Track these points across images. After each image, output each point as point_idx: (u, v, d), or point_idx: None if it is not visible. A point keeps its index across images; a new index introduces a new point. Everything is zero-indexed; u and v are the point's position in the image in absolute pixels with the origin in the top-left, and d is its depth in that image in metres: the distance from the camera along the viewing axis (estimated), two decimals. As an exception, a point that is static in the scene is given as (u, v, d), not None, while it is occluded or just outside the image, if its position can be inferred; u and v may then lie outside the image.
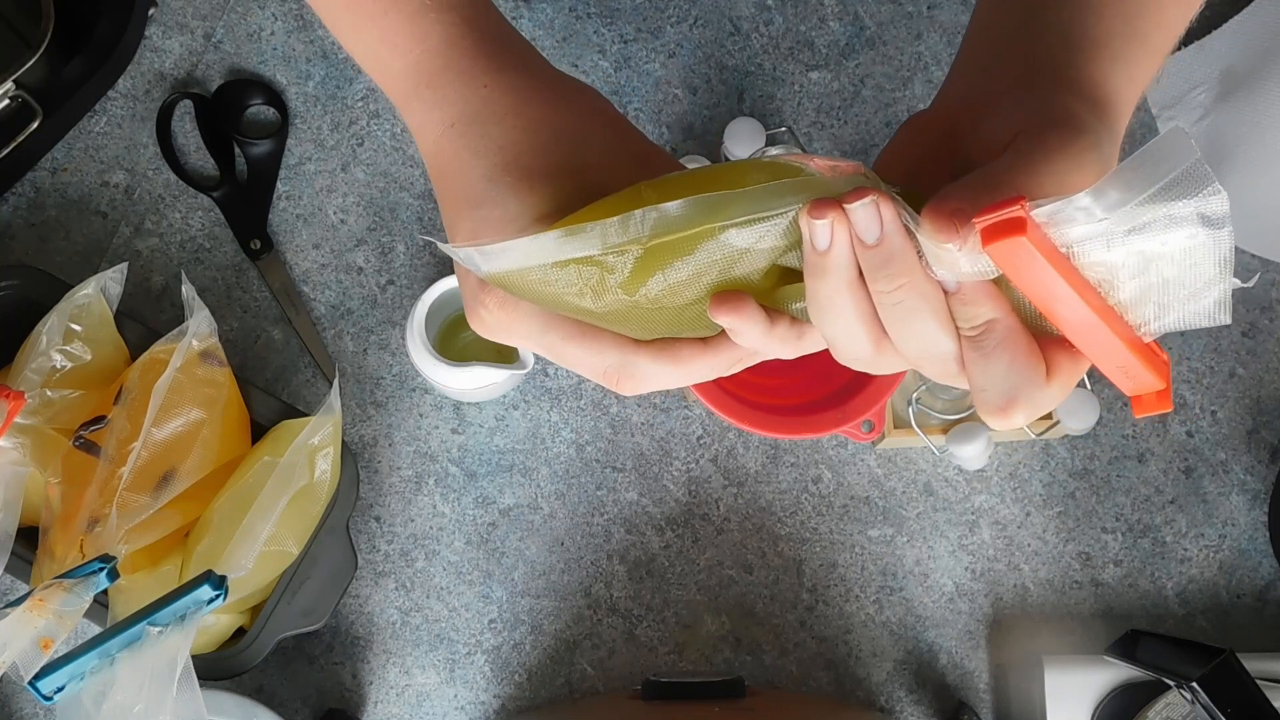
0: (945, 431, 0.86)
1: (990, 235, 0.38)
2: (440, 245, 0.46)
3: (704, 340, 0.47)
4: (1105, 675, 0.81)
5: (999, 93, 0.47)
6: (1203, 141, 0.93)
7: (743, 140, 0.88)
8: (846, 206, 0.41)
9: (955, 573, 0.90)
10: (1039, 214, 0.39)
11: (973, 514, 0.90)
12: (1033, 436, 0.87)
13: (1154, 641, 0.81)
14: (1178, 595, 0.90)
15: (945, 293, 0.42)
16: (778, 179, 0.42)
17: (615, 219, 0.43)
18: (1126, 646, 0.81)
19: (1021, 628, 0.89)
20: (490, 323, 0.48)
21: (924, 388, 0.86)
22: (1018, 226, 0.38)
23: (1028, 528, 0.90)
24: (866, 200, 0.41)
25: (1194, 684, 0.73)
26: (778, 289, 0.45)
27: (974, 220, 0.39)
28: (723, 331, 0.46)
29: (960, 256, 0.40)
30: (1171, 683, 0.76)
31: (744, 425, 0.81)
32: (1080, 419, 0.84)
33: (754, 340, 0.45)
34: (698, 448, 0.91)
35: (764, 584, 0.89)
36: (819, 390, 0.84)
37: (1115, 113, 0.46)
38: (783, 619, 0.89)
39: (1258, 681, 0.74)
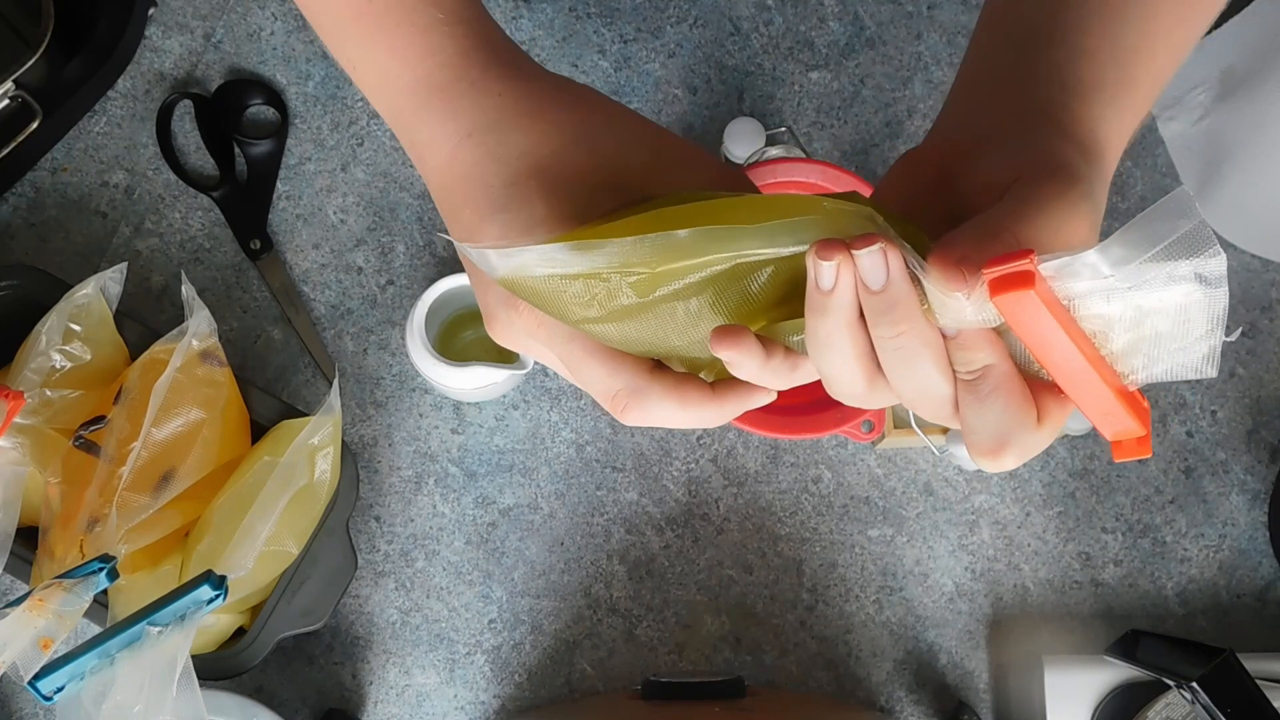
0: (945, 431, 0.86)
1: (999, 287, 0.39)
2: (458, 246, 0.46)
3: (712, 387, 0.48)
4: (1105, 675, 0.81)
5: (991, 133, 0.47)
6: (1203, 141, 0.93)
7: (743, 140, 0.88)
8: (854, 252, 0.41)
9: (955, 573, 0.90)
10: (1046, 268, 0.40)
11: (973, 514, 0.90)
12: (1033, 436, 0.87)
13: (1154, 641, 0.81)
14: (1178, 595, 0.90)
15: (944, 337, 0.43)
16: (793, 216, 0.42)
17: (629, 240, 0.43)
18: (1126, 646, 0.81)
19: (1021, 628, 0.89)
20: (518, 326, 0.48)
21: (924, 388, 0.86)
22: (1026, 280, 0.39)
23: (1028, 528, 0.90)
24: (874, 248, 0.41)
25: (1194, 684, 0.73)
26: (777, 322, 0.45)
27: (983, 271, 0.40)
28: (727, 378, 0.47)
29: (966, 305, 0.41)
30: (1171, 683, 0.76)
31: (744, 425, 0.81)
32: (1080, 419, 0.84)
33: (750, 372, 0.45)
34: (698, 448, 0.91)
35: (764, 584, 0.89)
36: (819, 390, 0.84)
37: (1105, 158, 0.47)
38: (783, 619, 0.89)
39: (1258, 681, 0.74)
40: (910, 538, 0.90)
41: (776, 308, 0.45)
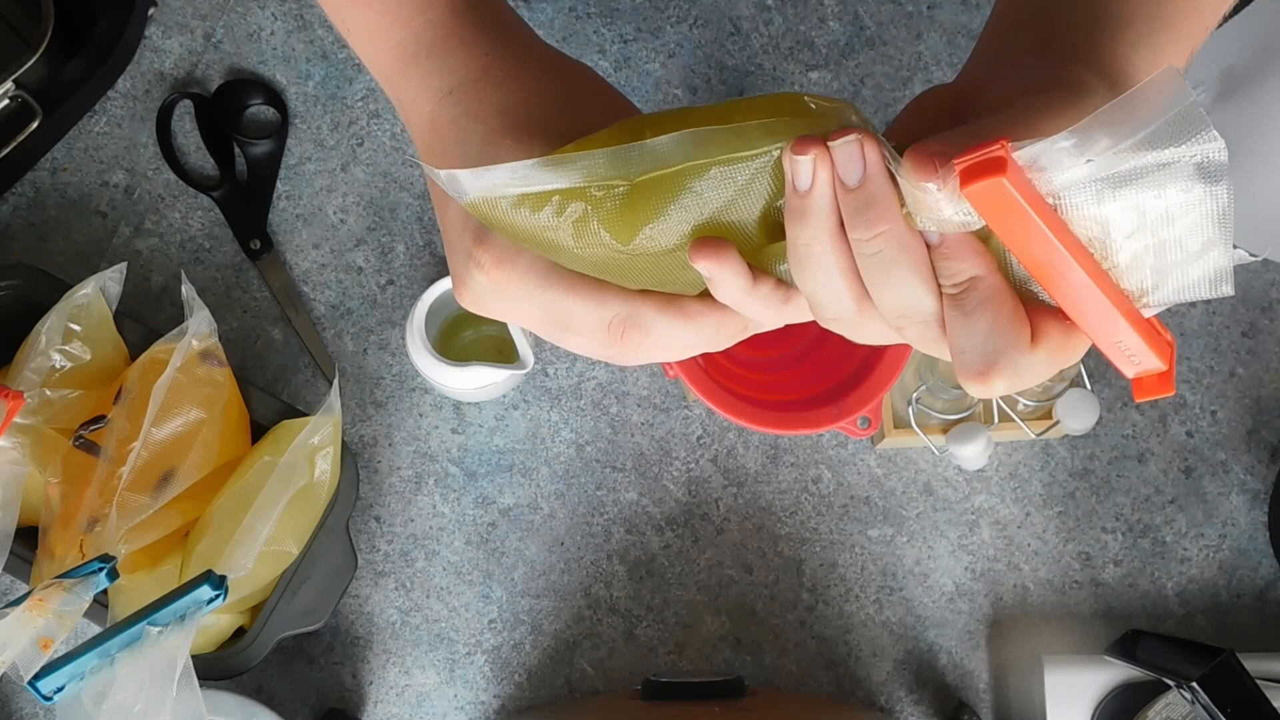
0: (945, 431, 0.86)
1: (969, 176, 0.37)
2: (425, 168, 0.45)
3: (711, 297, 0.45)
4: (1105, 675, 0.81)
5: (1012, 64, 0.46)
6: (1203, 141, 0.93)
7: (743, 140, 0.88)
8: (830, 144, 0.40)
9: (955, 573, 0.90)
10: (1021, 155, 0.37)
11: (973, 514, 0.90)
12: (1033, 436, 0.87)
13: (1154, 641, 0.81)
14: (1178, 595, 0.90)
15: (929, 248, 0.41)
16: (773, 116, 0.41)
17: (603, 151, 0.42)
18: (1126, 646, 0.81)
19: (1021, 628, 0.89)
20: (484, 285, 0.46)
21: (924, 387, 0.86)
22: (997, 166, 0.37)
23: (1028, 528, 0.90)
24: (850, 138, 0.40)
25: (1194, 684, 0.73)
26: (764, 249, 0.43)
27: (954, 161, 0.38)
28: None
29: (941, 200, 0.39)
30: (1171, 683, 0.76)
31: (741, 421, 0.81)
32: (1080, 419, 0.84)
33: (735, 295, 0.43)
34: (698, 448, 0.91)
35: (764, 584, 0.89)
36: (816, 386, 0.84)
37: None
38: (783, 619, 0.89)
39: (1258, 681, 0.74)
40: (910, 538, 0.90)
41: (762, 237, 0.43)
